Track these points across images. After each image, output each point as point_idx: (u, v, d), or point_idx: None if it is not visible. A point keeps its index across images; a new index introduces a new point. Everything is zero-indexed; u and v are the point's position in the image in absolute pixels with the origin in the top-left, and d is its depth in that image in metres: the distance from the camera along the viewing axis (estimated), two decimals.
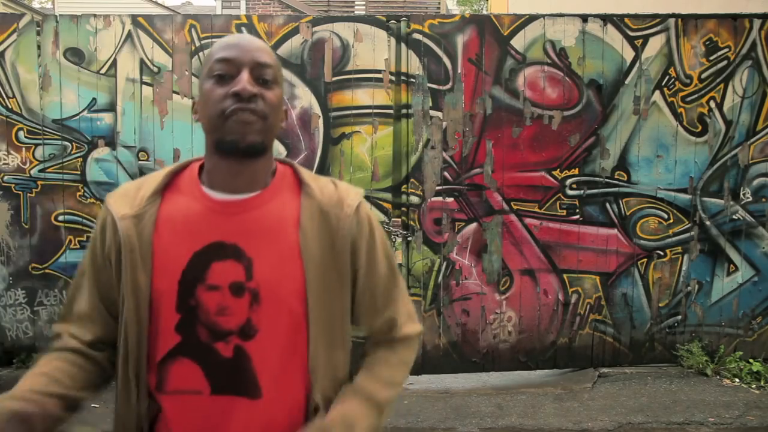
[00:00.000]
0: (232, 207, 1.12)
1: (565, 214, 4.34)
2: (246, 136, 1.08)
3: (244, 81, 1.07)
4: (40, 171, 4.30)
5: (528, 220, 4.32)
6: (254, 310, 1.10)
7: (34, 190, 4.31)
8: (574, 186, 4.34)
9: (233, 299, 1.09)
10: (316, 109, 4.26)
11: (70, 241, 4.31)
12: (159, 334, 1.11)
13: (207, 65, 1.13)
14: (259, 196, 1.14)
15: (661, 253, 4.40)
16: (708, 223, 4.40)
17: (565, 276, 4.37)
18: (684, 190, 4.37)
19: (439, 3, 12.70)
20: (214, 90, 1.09)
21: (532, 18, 4.25)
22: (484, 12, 14.86)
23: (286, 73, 4.21)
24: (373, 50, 4.24)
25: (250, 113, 1.07)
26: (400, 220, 4.27)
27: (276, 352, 1.11)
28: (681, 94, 4.31)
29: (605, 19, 4.27)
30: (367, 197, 4.24)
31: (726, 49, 4.30)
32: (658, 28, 4.29)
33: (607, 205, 4.36)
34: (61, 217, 4.32)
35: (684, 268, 4.41)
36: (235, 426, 1.10)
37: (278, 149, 4.27)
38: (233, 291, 1.09)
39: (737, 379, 4.25)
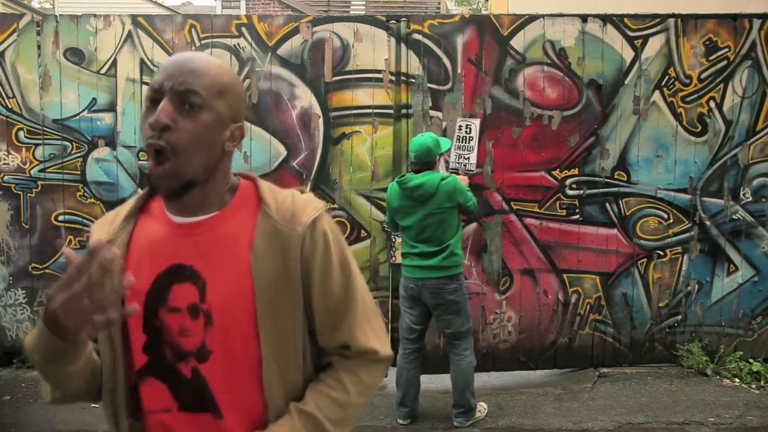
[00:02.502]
0: (189, 229, 1.13)
1: (565, 214, 4.34)
2: (161, 187, 1.08)
3: (159, 111, 1.04)
4: (40, 171, 4.31)
5: (528, 220, 4.32)
6: (208, 332, 1.11)
7: (34, 190, 4.31)
8: (574, 186, 4.34)
9: (192, 321, 1.11)
10: (316, 109, 4.26)
11: (71, 241, 4.31)
12: (131, 356, 1.15)
13: None
14: (216, 217, 1.13)
15: (661, 253, 4.39)
16: (708, 223, 4.39)
17: (565, 276, 4.37)
18: (684, 190, 4.36)
19: (439, 3, 12.68)
20: (144, 119, 1.09)
21: (532, 18, 4.25)
22: (484, 12, 14.85)
23: (287, 73, 4.22)
24: (373, 50, 4.24)
25: (158, 163, 1.04)
26: None
27: (230, 373, 1.12)
28: (681, 94, 4.31)
29: (605, 19, 4.27)
30: (367, 197, 4.29)
31: (726, 49, 4.30)
32: (658, 28, 4.29)
33: (607, 205, 4.36)
34: (61, 217, 4.32)
35: (684, 268, 4.41)
36: None
37: (278, 149, 4.28)
38: (191, 313, 1.11)
39: (737, 379, 4.25)
